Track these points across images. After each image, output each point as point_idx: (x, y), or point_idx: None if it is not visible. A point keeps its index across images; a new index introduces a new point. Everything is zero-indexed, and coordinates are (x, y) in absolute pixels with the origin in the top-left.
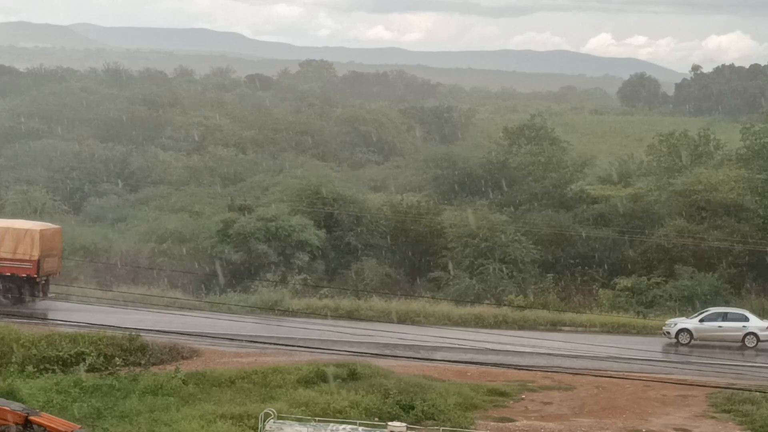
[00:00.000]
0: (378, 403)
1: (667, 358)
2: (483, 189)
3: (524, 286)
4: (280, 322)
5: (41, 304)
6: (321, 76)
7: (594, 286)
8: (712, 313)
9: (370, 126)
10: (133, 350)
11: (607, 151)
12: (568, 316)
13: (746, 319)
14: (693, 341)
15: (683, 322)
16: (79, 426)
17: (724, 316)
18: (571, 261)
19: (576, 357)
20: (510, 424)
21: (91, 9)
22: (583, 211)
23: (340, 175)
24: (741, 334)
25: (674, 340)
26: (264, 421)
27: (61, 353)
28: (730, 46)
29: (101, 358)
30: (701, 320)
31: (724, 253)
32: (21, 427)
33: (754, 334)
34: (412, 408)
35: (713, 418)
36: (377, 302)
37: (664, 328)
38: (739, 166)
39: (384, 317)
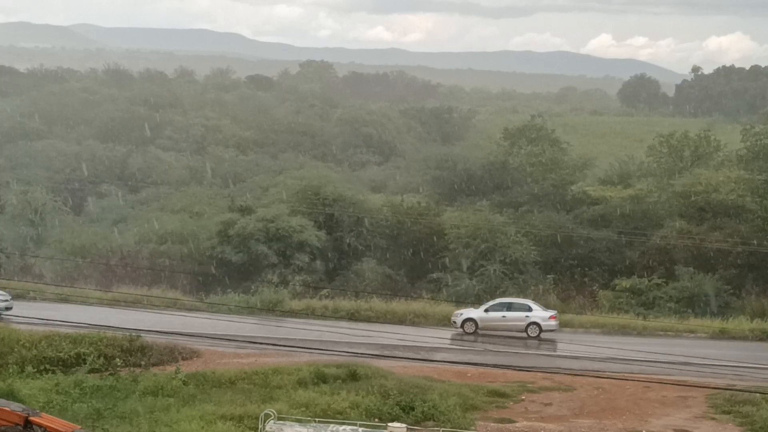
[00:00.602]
0: (378, 404)
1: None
2: (483, 190)
3: (524, 287)
4: (280, 322)
5: None
6: (321, 77)
7: (594, 288)
8: (497, 304)
9: (370, 127)
10: (133, 351)
11: (608, 152)
12: (568, 317)
13: (530, 309)
14: (478, 331)
15: (469, 312)
16: (80, 427)
17: (509, 307)
18: (572, 262)
19: (576, 358)
20: (510, 425)
21: (91, 9)
22: (584, 212)
23: (340, 175)
24: (524, 323)
25: (461, 330)
26: (264, 421)
27: (61, 354)
28: (730, 46)
29: (101, 359)
30: (486, 310)
31: (724, 254)
32: (21, 428)
33: (537, 324)
34: (412, 409)
35: (713, 419)
36: (377, 303)
37: (452, 318)
38: (740, 167)
39: (384, 318)
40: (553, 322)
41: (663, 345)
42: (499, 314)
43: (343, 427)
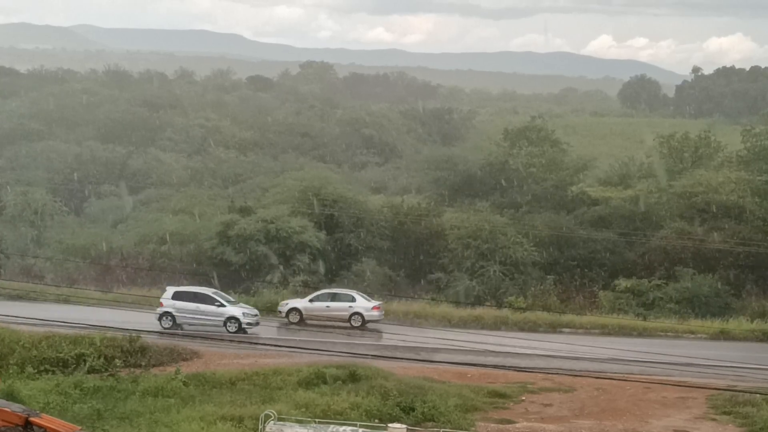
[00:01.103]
0: (378, 404)
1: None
2: (483, 191)
3: (525, 287)
4: (280, 323)
5: None
6: (321, 78)
7: (594, 288)
8: (322, 294)
9: (370, 128)
10: (133, 352)
11: (608, 153)
12: (568, 317)
13: (353, 300)
14: (303, 320)
15: (294, 302)
16: (80, 427)
17: (333, 297)
18: (572, 263)
19: (576, 359)
20: (510, 425)
21: (91, 10)
22: (584, 213)
23: (340, 176)
24: (347, 313)
25: (286, 320)
26: (264, 422)
27: (61, 354)
28: (730, 47)
29: (101, 360)
30: (311, 300)
31: (724, 255)
32: (21, 428)
33: (360, 314)
34: (413, 410)
35: (713, 420)
36: None
37: (278, 307)
38: (740, 168)
39: (384, 319)
40: (376, 313)
41: (663, 346)
42: (323, 304)
43: (343, 427)
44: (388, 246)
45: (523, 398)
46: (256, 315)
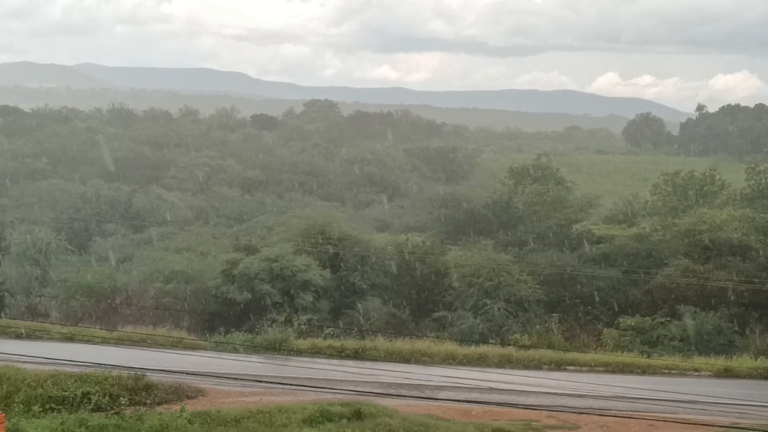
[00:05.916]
0: None
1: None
2: (488, 229)
3: (529, 325)
4: (285, 361)
5: None
6: (326, 116)
7: (598, 326)
8: None
9: (374, 166)
10: (138, 390)
11: (612, 190)
12: (572, 355)
13: None
14: None
15: None
16: None
17: None
18: (576, 301)
19: (580, 396)
20: None
21: (96, 49)
22: (588, 251)
23: (344, 215)
24: None
25: None
26: None
27: (66, 393)
28: (736, 85)
29: (107, 398)
30: None
31: (728, 293)
32: None
33: None
34: None
35: None
36: (382, 342)
37: None
38: (744, 205)
39: (389, 357)
40: None
41: (667, 383)
42: None
43: None
44: (392, 284)
45: None
46: None
